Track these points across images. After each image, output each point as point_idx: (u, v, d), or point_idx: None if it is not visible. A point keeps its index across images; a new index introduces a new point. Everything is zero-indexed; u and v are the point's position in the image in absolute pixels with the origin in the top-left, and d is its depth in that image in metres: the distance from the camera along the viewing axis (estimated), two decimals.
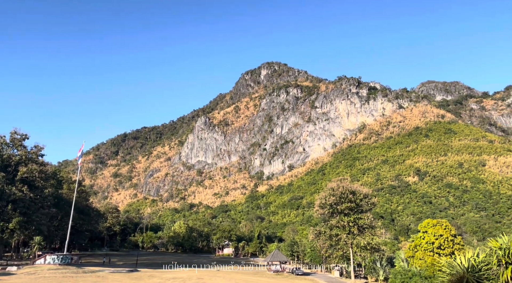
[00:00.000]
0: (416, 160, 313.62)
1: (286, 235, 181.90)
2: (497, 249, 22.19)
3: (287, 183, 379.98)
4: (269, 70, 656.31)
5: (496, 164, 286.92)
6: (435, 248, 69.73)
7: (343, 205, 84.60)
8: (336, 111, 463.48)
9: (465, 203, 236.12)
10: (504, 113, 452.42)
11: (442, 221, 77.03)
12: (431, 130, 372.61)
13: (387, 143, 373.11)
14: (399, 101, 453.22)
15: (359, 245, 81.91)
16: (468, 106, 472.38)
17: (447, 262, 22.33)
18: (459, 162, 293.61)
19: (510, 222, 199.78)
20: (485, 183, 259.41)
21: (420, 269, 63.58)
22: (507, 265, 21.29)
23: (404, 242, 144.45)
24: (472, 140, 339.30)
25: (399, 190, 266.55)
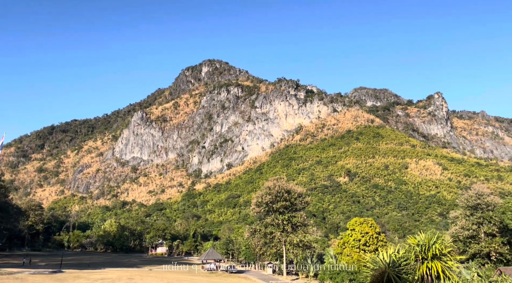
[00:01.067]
0: (347, 161, 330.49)
1: (222, 234, 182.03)
2: (415, 245, 23.85)
3: (225, 181, 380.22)
4: (210, 67, 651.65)
5: (417, 167, 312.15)
6: (361, 245, 74.18)
7: (279, 204, 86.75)
8: (275, 111, 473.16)
9: (389, 203, 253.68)
10: (425, 120, 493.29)
11: (368, 220, 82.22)
12: (361, 134, 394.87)
13: (322, 145, 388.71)
14: (334, 105, 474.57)
15: (292, 243, 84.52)
16: (395, 113, 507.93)
17: (371, 258, 23.75)
18: (385, 164, 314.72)
19: (427, 221, 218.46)
20: (407, 184, 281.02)
21: (347, 265, 67.24)
22: (423, 260, 22.95)
23: (333, 239, 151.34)
24: (397, 144, 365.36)
25: (331, 190, 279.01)
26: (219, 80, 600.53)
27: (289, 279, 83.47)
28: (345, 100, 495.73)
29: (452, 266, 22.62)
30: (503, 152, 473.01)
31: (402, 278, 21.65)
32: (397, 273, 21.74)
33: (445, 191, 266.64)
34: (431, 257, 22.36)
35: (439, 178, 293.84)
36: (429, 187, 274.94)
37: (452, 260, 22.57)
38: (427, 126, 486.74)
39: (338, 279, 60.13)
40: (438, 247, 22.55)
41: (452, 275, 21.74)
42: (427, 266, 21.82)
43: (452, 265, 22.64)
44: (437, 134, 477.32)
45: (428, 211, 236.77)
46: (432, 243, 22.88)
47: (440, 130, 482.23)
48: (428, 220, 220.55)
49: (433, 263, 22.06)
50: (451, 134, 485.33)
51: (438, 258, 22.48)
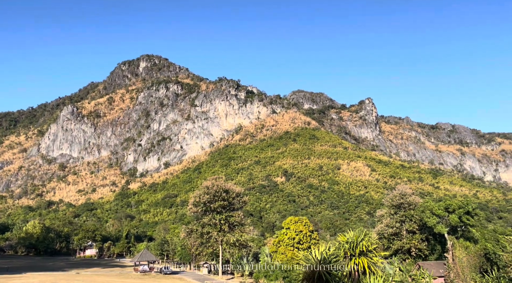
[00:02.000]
0: (284, 162, 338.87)
1: (157, 234, 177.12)
2: (344, 243, 25.02)
3: (162, 180, 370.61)
4: (149, 63, 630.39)
5: (348, 168, 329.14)
6: (295, 243, 76.51)
7: (217, 203, 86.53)
8: (215, 111, 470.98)
9: (323, 202, 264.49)
10: (357, 124, 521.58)
11: (303, 218, 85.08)
12: (298, 135, 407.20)
13: (261, 145, 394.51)
14: (273, 106, 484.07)
15: (228, 242, 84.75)
16: (330, 116, 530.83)
17: (304, 256, 24.47)
18: (319, 165, 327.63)
19: (356, 219, 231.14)
20: (339, 184, 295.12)
21: (282, 263, 68.96)
22: (351, 257, 24.13)
23: (269, 238, 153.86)
24: (331, 146, 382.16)
25: (268, 190, 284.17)
26: (157, 76, 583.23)
27: (225, 279, 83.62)
28: (284, 102, 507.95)
29: (377, 262, 24.01)
30: (424, 155, 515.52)
31: (332, 274, 22.56)
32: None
33: (373, 191, 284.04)
34: (359, 253, 23.59)
35: (368, 179, 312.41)
36: (359, 187, 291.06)
37: (377, 256, 23.98)
38: (358, 129, 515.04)
39: (273, 277, 61.45)
40: (365, 244, 23.81)
41: (377, 270, 23.10)
42: (354, 262, 22.98)
43: (377, 261, 24.05)
44: (367, 137, 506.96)
45: (358, 210, 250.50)
46: (360, 241, 24.13)
47: (369, 134, 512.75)
48: (357, 218, 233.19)
49: (360, 259, 23.26)
50: (379, 137, 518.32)
51: (364, 255, 23.72)
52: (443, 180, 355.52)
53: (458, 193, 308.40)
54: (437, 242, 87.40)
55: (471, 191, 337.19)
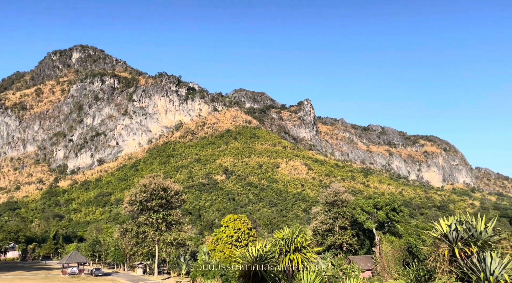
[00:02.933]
0: (225, 160, 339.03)
1: (89, 235, 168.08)
2: (280, 240, 25.64)
3: (95, 178, 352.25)
4: (83, 53, 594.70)
5: (287, 166, 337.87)
6: (233, 241, 76.98)
7: (154, 202, 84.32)
8: (154, 106, 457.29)
9: (261, 200, 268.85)
10: (296, 124, 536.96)
11: (242, 216, 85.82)
12: (239, 134, 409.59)
13: (201, 143, 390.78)
14: (215, 104, 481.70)
15: (165, 241, 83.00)
16: (270, 115, 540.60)
17: (241, 253, 24.71)
18: (259, 164, 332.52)
19: (293, 216, 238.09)
20: (278, 182, 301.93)
21: (219, 261, 69.02)
22: (286, 253, 24.79)
23: (208, 236, 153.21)
24: (270, 145, 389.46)
25: (208, 188, 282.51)
26: (92, 68, 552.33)
27: (160, 279, 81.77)
28: (226, 100, 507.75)
29: (310, 257, 24.78)
30: (356, 155, 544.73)
31: (268, 271, 22.97)
32: (264, 266, 22.98)
33: (309, 189, 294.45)
34: (293, 250, 24.23)
35: (305, 177, 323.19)
36: (296, 185, 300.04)
37: (311, 252, 24.82)
38: (297, 129, 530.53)
39: (210, 276, 61.29)
40: (299, 241, 24.49)
41: (310, 265, 23.87)
42: (289, 259, 23.59)
43: (311, 256, 24.84)
44: (305, 137, 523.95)
45: (294, 207, 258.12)
46: (295, 237, 24.80)
47: (307, 134, 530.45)
48: (294, 215, 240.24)
49: (295, 255, 23.90)
50: (316, 137, 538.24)
51: (299, 251, 24.40)
52: (373, 179, 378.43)
53: (386, 191, 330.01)
54: (366, 237, 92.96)
55: (397, 189, 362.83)
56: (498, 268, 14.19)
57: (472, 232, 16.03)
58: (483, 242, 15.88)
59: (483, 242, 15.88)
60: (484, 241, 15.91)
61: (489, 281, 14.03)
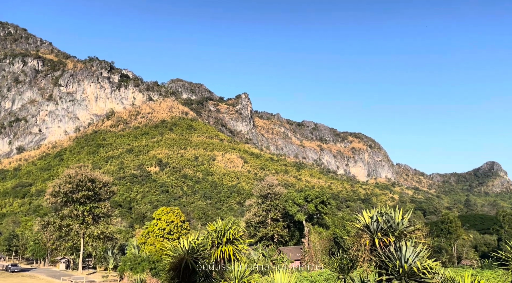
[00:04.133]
0: (159, 151, 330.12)
1: (5, 228, 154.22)
2: (213, 232, 25.69)
3: (14, 167, 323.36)
4: (2, 31, 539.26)
5: (223, 159, 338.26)
6: (165, 234, 75.53)
7: (80, 194, 79.80)
8: (83, 93, 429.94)
9: (196, 192, 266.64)
10: (233, 117, 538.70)
11: (175, 209, 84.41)
12: (175, 125, 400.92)
13: (134, 133, 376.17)
14: (150, 93, 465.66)
15: (92, 235, 79.12)
16: (208, 107, 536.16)
17: (172, 246, 24.39)
18: (195, 156, 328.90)
19: (228, 209, 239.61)
20: (213, 175, 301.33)
21: (150, 255, 67.36)
22: (218, 245, 24.93)
23: (139, 229, 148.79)
24: (207, 137, 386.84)
25: (140, 179, 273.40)
26: (13, 48, 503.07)
27: (85, 274, 77.80)
28: (162, 90, 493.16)
29: (242, 249, 25.12)
30: (290, 150, 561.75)
31: (199, 263, 22.91)
32: (195, 258, 22.91)
33: (244, 182, 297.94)
34: (225, 242, 24.40)
35: (241, 170, 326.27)
36: (232, 178, 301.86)
37: (242, 243, 25.17)
38: (234, 122, 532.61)
39: (139, 269, 59.58)
40: (232, 233, 24.72)
41: (241, 257, 24.22)
42: (221, 250, 23.74)
43: (242, 248, 25.18)
44: (241, 131, 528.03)
45: (229, 200, 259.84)
46: (227, 229, 24.99)
47: (244, 127, 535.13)
48: (228, 208, 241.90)
49: (226, 247, 24.08)
50: (252, 131, 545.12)
51: (231, 242, 24.62)
52: (305, 173, 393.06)
53: (316, 184, 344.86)
54: (297, 229, 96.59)
55: (327, 183, 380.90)
56: (412, 256, 15.37)
57: (390, 223, 17.18)
58: (400, 232, 17.07)
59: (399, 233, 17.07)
60: (400, 232, 17.11)
61: (403, 268, 15.12)
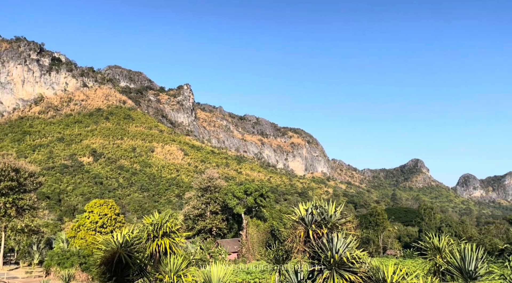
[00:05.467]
0: (93, 141, 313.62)
1: None
2: (149, 225, 25.14)
3: None
4: None
5: (162, 151, 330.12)
6: (98, 227, 72.21)
7: (2, 184, 73.48)
8: (8, 75, 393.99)
9: (133, 184, 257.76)
10: (174, 108, 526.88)
11: (109, 201, 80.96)
12: (112, 114, 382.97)
13: (66, 121, 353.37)
14: (84, 79, 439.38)
15: (15, 228, 73.39)
16: (147, 97, 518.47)
17: (104, 240, 23.49)
18: (133, 147, 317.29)
19: (166, 202, 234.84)
20: (152, 167, 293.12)
21: (80, 249, 64.06)
22: (154, 238, 24.44)
23: (68, 222, 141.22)
24: (146, 128, 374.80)
25: (71, 170, 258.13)
26: None
27: (6, 270, 72.03)
28: (98, 76, 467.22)
29: (179, 242, 24.91)
30: (232, 143, 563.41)
31: (133, 256, 22.38)
32: (129, 252, 22.30)
33: (184, 174, 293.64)
34: (162, 235, 24.08)
35: (180, 163, 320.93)
36: (171, 171, 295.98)
37: (179, 236, 24.97)
38: (175, 114, 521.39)
39: (68, 264, 56.37)
40: (169, 226, 24.43)
41: (178, 250, 24.01)
42: (157, 244, 23.39)
43: (179, 241, 24.97)
44: (183, 122, 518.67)
45: (168, 192, 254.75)
46: (164, 222, 24.68)
47: (185, 119, 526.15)
48: (167, 201, 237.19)
49: (163, 240, 23.78)
50: (194, 123, 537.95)
51: (167, 236, 24.32)
52: (245, 166, 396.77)
53: (256, 178, 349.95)
54: (235, 222, 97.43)
55: (266, 176, 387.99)
56: (342, 247, 16.15)
57: (324, 216, 17.86)
58: (332, 224, 17.85)
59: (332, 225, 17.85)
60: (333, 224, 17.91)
61: (334, 258, 15.85)
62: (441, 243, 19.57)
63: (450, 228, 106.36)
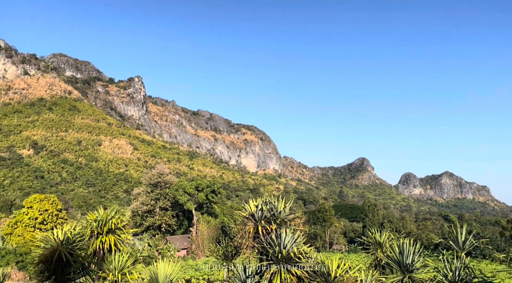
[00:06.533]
0: (35, 132, 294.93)
1: None
2: (93, 221, 24.22)
3: None
4: None
5: (110, 145, 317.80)
6: (37, 224, 68.12)
7: None
8: None
9: (77, 179, 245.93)
10: (124, 100, 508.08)
11: (50, 196, 76.64)
12: (56, 104, 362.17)
13: (4, 110, 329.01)
14: (26, 67, 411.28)
15: None
16: (95, 88, 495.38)
17: (43, 237, 22.34)
18: (78, 140, 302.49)
19: (113, 197, 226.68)
20: (99, 161, 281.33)
21: (17, 246, 60.14)
22: (98, 235, 23.58)
23: (4, 218, 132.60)
24: (93, 120, 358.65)
25: (9, 163, 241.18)
26: None
27: None
28: (41, 64, 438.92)
29: (125, 239, 24.32)
30: (184, 139, 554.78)
31: (75, 254, 21.53)
32: (70, 249, 21.43)
33: (133, 169, 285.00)
34: (106, 231, 23.39)
35: (130, 157, 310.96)
36: (119, 165, 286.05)
37: (125, 233, 24.35)
38: (125, 106, 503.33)
39: (3, 263, 52.66)
40: (114, 222, 23.80)
41: (123, 247, 23.42)
42: (101, 241, 22.67)
43: (125, 238, 24.38)
44: (133, 116, 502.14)
45: (115, 188, 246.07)
46: (110, 218, 23.98)
47: (136, 112, 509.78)
48: (114, 196, 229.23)
49: (107, 237, 23.14)
50: (145, 117, 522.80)
51: (113, 232, 23.71)
52: (197, 162, 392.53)
53: (208, 174, 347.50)
54: (186, 218, 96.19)
55: (219, 172, 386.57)
56: (290, 243, 16.49)
57: (273, 212, 18.13)
58: (281, 220, 18.17)
59: (281, 220, 18.17)
60: (282, 220, 18.23)
61: (282, 254, 16.16)
62: (382, 238, 20.62)
63: (391, 224, 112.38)
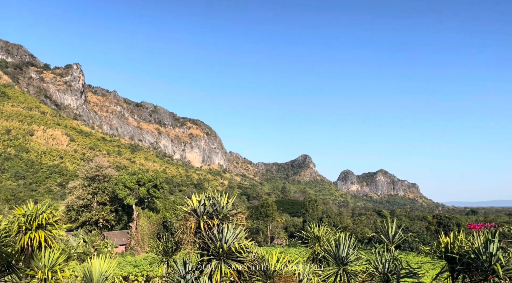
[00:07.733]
0: None
1: None
2: (21, 216, 22.70)
3: None
4: None
5: (44, 135, 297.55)
6: None
7: None
8: None
9: (5, 171, 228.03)
10: (60, 88, 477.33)
11: None
12: None
13: None
14: None
15: None
16: (28, 74, 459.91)
17: None
18: (7, 129, 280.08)
19: (45, 191, 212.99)
20: (30, 152, 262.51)
21: None
22: (26, 231, 22.13)
23: None
24: (25, 109, 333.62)
25: None
26: None
27: None
28: None
29: (57, 234, 23.04)
30: (126, 131, 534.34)
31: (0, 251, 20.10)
32: None
33: (69, 162, 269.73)
34: (36, 227, 21.95)
35: (65, 149, 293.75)
36: (54, 157, 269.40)
37: (58, 229, 23.05)
38: (62, 95, 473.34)
39: None
40: (45, 217, 22.37)
41: (55, 243, 22.18)
42: (29, 237, 21.24)
43: (57, 233, 23.10)
44: (70, 105, 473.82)
45: (48, 181, 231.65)
46: (40, 213, 22.51)
47: (74, 102, 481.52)
48: (47, 190, 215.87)
49: (37, 233, 21.72)
50: (84, 107, 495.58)
51: (43, 228, 22.32)
52: (139, 156, 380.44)
53: (151, 168, 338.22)
54: (125, 213, 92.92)
55: (162, 167, 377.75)
56: (231, 237, 16.61)
57: (216, 207, 18.15)
58: (224, 215, 18.24)
59: (223, 216, 18.24)
60: (224, 215, 18.30)
61: (223, 249, 16.23)
62: (320, 232, 21.46)
63: (330, 219, 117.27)
